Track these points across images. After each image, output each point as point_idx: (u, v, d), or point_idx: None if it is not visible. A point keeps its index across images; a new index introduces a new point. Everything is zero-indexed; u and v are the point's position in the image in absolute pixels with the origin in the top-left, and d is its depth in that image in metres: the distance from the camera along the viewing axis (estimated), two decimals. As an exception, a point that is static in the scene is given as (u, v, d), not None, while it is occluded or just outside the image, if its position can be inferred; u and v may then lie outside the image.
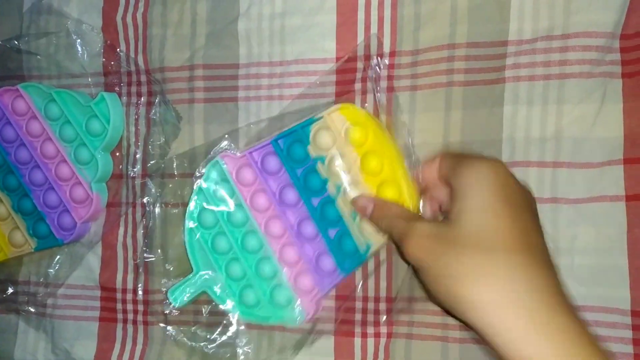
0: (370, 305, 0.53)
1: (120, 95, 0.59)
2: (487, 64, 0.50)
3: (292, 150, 0.51)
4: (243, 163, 0.52)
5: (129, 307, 0.59)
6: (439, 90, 0.51)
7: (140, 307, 0.59)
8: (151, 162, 0.58)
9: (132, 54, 0.59)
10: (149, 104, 0.58)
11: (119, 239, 0.59)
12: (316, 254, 0.51)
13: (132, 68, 0.58)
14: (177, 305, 0.52)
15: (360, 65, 0.53)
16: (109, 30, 0.59)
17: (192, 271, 0.53)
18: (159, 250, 0.57)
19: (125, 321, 0.59)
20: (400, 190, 0.48)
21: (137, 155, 0.58)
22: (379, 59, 0.52)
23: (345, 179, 0.50)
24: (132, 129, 0.59)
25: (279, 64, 0.54)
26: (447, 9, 0.50)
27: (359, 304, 0.53)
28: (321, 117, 0.50)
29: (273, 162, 0.51)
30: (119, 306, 0.59)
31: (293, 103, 0.54)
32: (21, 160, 0.59)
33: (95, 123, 0.57)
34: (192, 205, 0.53)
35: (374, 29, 0.52)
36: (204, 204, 0.52)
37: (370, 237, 0.51)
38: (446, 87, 0.50)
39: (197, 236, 0.53)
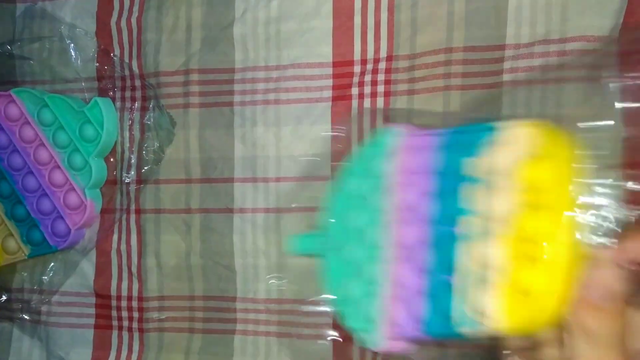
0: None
1: (114, 100, 0.58)
2: (485, 67, 0.50)
3: (451, 155, 0.37)
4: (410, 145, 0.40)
5: (124, 314, 0.59)
6: (437, 94, 0.50)
7: (136, 314, 0.58)
8: (145, 167, 0.57)
9: (126, 59, 0.58)
10: (143, 109, 0.58)
11: (113, 246, 0.59)
12: (413, 289, 0.38)
13: (126, 73, 0.58)
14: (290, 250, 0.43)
15: (357, 69, 0.52)
16: (103, 35, 0.59)
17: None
18: (153, 258, 0.57)
19: (120, 328, 0.59)
20: (552, 274, 0.30)
21: (132, 161, 0.58)
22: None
23: (486, 227, 0.34)
24: (126, 134, 0.58)
25: (275, 68, 0.54)
26: (444, 14, 0.50)
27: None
28: (499, 128, 0.35)
29: (422, 159, 0.38)
30: (114, 313, 0.59)
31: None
32: (14, 167, 0.59)
33: (89, 128, 0.57)
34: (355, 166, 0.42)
35: (370, 34, 0.52)
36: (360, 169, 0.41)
37: (474, 314, 0.33)
38: (444, 90, 0.50)
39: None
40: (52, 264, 0.60)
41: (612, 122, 0.35)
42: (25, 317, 0.61)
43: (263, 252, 0.55)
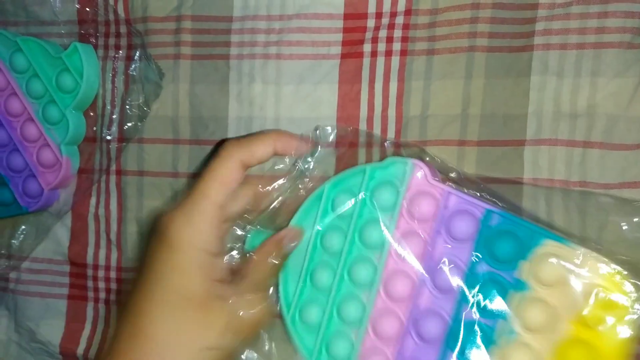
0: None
1: (96, 47, 0.55)
2: (514, 28, 0.46)
3: (500, 243, 0.37)
4: (428, 191, 0.40)
5: (101, 285, 0.56)
6: (460, 55, 0.47)
7: (114, 286, 0.56)
8: (128, 124, 0.54)
9: (110, 1, 0.54)
10: (128, 59, 0.54)
11: (90, 210, 0.56)
12: None
13: (111, 17, 0.54)
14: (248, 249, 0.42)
15: (370, 23, 0.49)
16: (85, -28, 0.55)
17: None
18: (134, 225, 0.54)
19: (96, 300, 0.56)
20: None
21: (114, 116, 0.55)
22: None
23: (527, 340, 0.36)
24: (109, 86, 0.55)
25: (278, 18, 0.50)
26: None
27: None
28: (572, 245, 0.36)
29: (464, 227, 0.38)
30: (90, 283, 0.56)
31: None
32: (-19, 118, 0.56)
33: (67, 77, 0.53)
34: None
35: None
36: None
37: None
38: (467, 52, 0.47)
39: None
40: (23, 227, 0.57)
41: None
42: (-9, 283, 0.59)
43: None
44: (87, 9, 0.54)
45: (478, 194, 0.40)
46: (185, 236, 0.37)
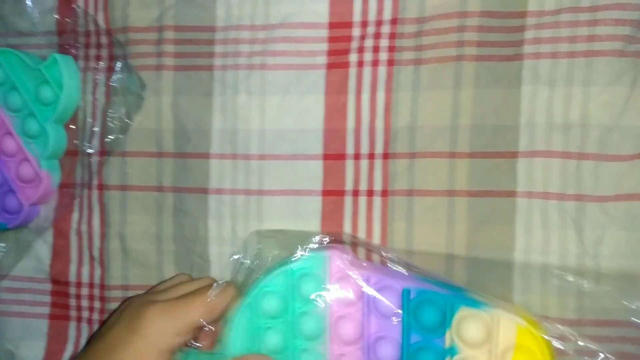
0: None
1: (76, 58, 0.54)
2: (503, 37, 0.46)
3: (424, 314, 0.42)
4: (348, 277, 0.44)
5: (84, 303, 0.55)
6: (448, 64, 0.46)
7: (97, 304, 0.54)
8: (110, 137, 0.53)
9: (91, 11, 0.54)
10: (110, 70, 0.53)
11: (72, 226, 0.55)
12: None
13: (91, 27, 0.53)
14: None
15: (356, 32, 0.48)
16: (65, -19, 0.54)
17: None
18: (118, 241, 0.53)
19: (79, 319, 0.55)
20: None
21: (95, 129, 0.54)
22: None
23: None
24: (89, 97, 0.54)
25: (262, 28, 0.50)
26: None
27: None
28: (485, 308, 0.41)
29: (388, 304, 0.43)
30: (72, 302, 0.55)
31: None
32: (-42, 132, 0.55)
33: (46, 90, 0.53)
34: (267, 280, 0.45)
35: None
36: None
37: None
38: (456, 61, 0.46)
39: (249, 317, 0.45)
40: (2, 244, 0.56)
41: None
42: (-31, 303, 0.58)
43: (243, 241, 0.51)
44: (67, 20, 0.54)
45: (401, 268, 0.44)
46: None
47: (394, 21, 0.47)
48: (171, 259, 0.53)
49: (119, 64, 0.53)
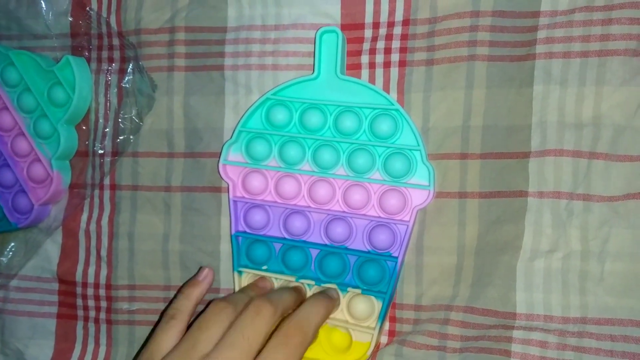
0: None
1: (88, 60, 0.55)
2: (516, 37, 0.46)
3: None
4: None
5: (91, 303, 0.55)
6: (460, 65, 0.46)
7: (104, 304, 0.55)
8: (121, 137, 0.53)
9: (104, 14, 0.54)
10: (122, 71, 0.54)
11: (81, 226, 0.55)
12: None
13: (104, 30, 0.54)
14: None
15: (368, 34, 0.48)
16: (78, -16, 0.54)
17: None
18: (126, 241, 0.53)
19: (86, 319, 0.55)
20: None
21: (106, 129, 0.54)
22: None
23: None
24: (101, 99, 0.54)
25: (273, 28, 0.50)
26: None
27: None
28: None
29: None
30: (79, 302, 0.55)
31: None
32: (-28, 132, 0.55)
33: (59, 91, 0.53)
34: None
35: None
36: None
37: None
38: (468, 61, 0.46)
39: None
40: (12, 243, 0.56)
41: None
42: (-22, 302, 0.58)
43: None
44: (80, 22, 0.54)
45: None
46: None
47: (406, 22, 0.47)
48: (177, 259, 0.53)
49: (130, 66, 0.53)
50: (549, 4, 0.45)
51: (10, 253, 0.56)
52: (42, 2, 0.54)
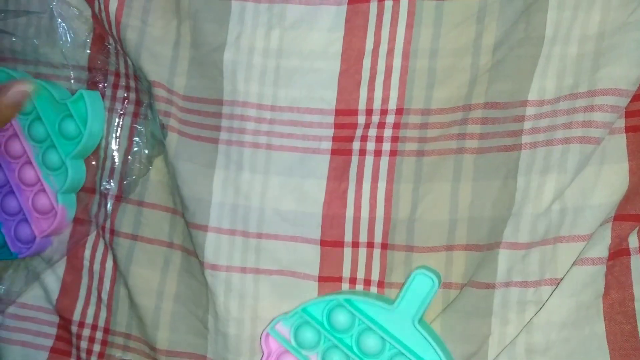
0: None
1: (103, 96, 0.55)
2: (505, 127, 0.45)
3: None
4: None
5: (84, 344, 0.55)
6: (447, 157, 0.47)
7: (97, 348, 0.55)
8: (128, 178, 0.54)
9: (122, 51, 0.54)
10: (135, 114, 0.54)
11: (85, 264, 0.55)
12: None
13: (122, 69, 0.54)
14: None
15: (361, 120, 0.48)
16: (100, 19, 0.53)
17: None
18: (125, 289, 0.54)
19: (78, 359, 0.55)
20: None
21: (115, 165, 0.54)
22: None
23: None
24: (113, 137, 0.54)
25: (269, 108, 0.50)
26: (467, 66, 0.46)
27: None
28: None
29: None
30: (73, 340, 0.55)
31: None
32: (-21, 157, 0.56)
33: (70, 124, 0.53)
34: None
35: (379, 80, 0.48)
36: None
37: None
38: (455, 154, 0.46)
39: None
40: (11, 270, 0.57)
41: None
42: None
43: (236, 320, 0.50)
44: (98, 57, 0.54)
45: None
46: None
47: (399, 111, 0.47)
48: (167, 319, 0.52)
49: (144, 109, 0.53)
50: (536, 92, 0.44)
51: (9, 279, 0.56)
52: (61, 31, 0.54)
